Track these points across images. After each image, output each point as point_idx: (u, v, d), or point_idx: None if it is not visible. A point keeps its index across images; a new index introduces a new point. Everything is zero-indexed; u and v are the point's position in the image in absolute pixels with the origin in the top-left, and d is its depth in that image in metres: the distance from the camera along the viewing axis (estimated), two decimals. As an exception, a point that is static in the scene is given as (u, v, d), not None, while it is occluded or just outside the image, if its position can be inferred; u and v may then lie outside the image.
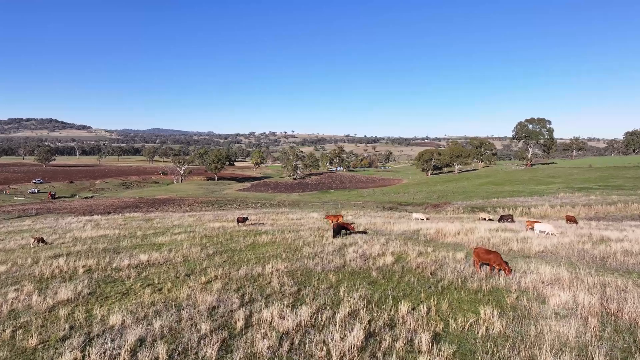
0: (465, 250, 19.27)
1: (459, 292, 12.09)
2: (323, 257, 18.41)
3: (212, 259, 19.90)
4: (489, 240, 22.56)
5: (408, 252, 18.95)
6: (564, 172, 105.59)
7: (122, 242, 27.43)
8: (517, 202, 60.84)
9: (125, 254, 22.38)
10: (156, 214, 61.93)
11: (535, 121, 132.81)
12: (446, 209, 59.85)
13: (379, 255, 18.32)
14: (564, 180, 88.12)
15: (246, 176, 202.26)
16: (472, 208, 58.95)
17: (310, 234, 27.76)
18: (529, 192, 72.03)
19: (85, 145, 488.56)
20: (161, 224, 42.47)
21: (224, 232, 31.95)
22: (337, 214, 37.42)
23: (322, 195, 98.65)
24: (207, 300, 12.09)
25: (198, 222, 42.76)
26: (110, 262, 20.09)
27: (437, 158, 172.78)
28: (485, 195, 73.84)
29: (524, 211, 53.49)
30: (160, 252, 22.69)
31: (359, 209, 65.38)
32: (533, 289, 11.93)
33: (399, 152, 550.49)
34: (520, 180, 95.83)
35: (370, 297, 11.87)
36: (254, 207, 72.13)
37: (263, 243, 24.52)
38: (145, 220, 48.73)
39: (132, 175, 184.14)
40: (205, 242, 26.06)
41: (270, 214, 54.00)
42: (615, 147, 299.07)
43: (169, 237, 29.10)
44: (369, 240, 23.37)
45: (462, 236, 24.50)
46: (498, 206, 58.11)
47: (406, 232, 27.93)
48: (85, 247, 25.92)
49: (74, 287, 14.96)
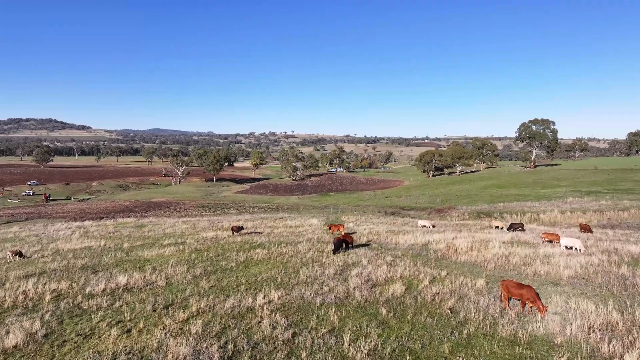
0: (484, 275, 17.05)
1: (491, 343, 9.85)
2: (323, 283, 16.18)
3: (197, 282, 17.67)
4: (507, 259, 20.31)
5: (419, 276, 16.72)
6: (569, 174, 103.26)
7: (104, 257, 25.20)
8: (525, 207, 58.54)
9: (103, 274, 20.19)
10: (150, 219, 59.68)
11: (539, 122, 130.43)
12: (451, 215, 57.58)
13: (387, 281, 16.08)
14: (571, 183, 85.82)
15: (245, 177, 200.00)
16: (477, 213, 56.67)
17: (310, 248, 25.54)
18: (535, 196, 69.72)
19: (84, 146, 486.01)
20: (152, 232, 40.26)
21: (217, 243, 29.74)
22: (338, 223, 35.20)
23: (321, 199, 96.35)
24: (180, 353, 9.85)
25: (191, 230, 40.56)
26: (84, 286, 17.89)
27: (438, 159, 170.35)
28: (490, 199, 71.51)
29: (533, 217, 51.24)
30: (142, 271, 20.49)
31: (360, 214, 63.13)
32: (584, 342, 9.68)
33: (399, 152, 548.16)
34: (525, 183, 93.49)
35: (381, 352, 9.61)
36: (251, 212, 69.85)
37: (257, 260, 22.29)
38: (136, 227, 46.50)
39: (130, 176, 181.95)
40: (194, 257, 23.83)
41: (268, 220, 51.76)
42: (617, 147, 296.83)
43: (157, 251, 26.86)
44: (374, 258, 21.15)
45: (476, 252, 22.25)
46: (505, 211, 55.82)
47: (413, 246, 25.67)
48: (64, 263, 23.70)
49: (31, 324, 12.76)
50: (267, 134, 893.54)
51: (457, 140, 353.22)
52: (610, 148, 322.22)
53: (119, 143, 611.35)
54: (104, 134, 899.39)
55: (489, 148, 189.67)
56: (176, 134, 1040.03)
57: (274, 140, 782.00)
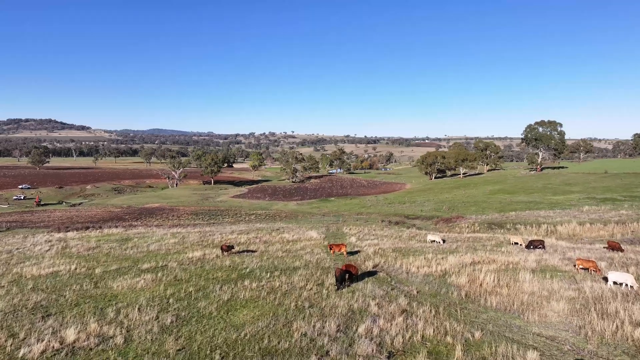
0: (530, 335, 13.27)
1: None
2: (322, 349, 12.44)
3: (163, 342, 13.90)
4: (548, 301, 16.57)
5: (446, 338, 12.98)
6: (579, 179, 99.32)
7: (67, 291, 21.46)
8: (539, 217, 54.75)
9: (54, 321, 16.48)
10: (138, 229, 55.96)
11: (546, 124, 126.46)
12: (460, 225, 53.80)
13: (406, 347, 12.34)
14: (583, 188, 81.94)
15: (244, 179, 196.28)
16: (488, 224, 52.88)
17: (307, 280, 21.78)
18: (548, 204, 65.91)
19: (83, 147, 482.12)
20: (135, 249, 36.57)
21: (201, 269, 26.01)
22: (339, 242, 31.49)
23: (321, 205, 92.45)
24: None
25: (178, 247, 36.87)
26: (21, 343, 14.18)
27: (441, 161, 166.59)
28: (499, 207, 67.67)
29: (549, 229, 47.48)
30: (102, 316, 16.82)
31: (363, 224, 59.39)
32: None
33: (400, 152, 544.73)
34: (534, 188, 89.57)
35: None
36: (247, 221, 66.07)
37: (243, 300, 18.55)
38: (121, 241, 42.77)
39: (126, 179, 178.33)
40: (170, 294, 20.07)
41: (264, 231, 48.05)
42: (621, 148, 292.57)
43: (130, 280, 23.10)
44: (384, 300, 17.41)
45: (507, 291, 18.51)
46: (518, 222, 52.04)
47: (429, 277, 21.92)
48: (16, 300, 19.97)
49: None
50: (267, 134, 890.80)
51: (458, 141, 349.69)
52: (614, 149, 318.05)
53: (118, 143, 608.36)
54: (104, 134, 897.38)
55: (492, 150, 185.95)
56: (176, 134, 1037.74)
57: (273, 141, 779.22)
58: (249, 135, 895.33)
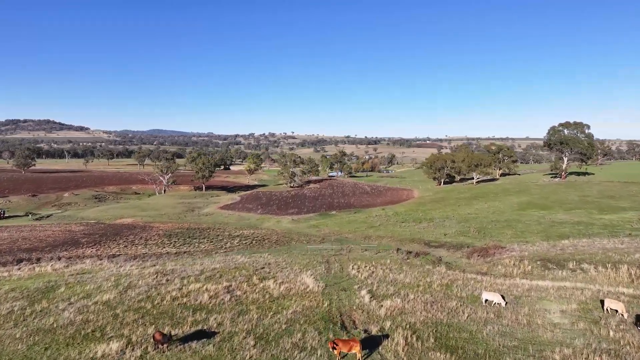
0: None
1: None
2: None
3: None
4: None
5: None
6: (619, 189, 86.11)
7: None
8: (606, 249, 41.68)
9: None
10: (85, 264, 43.24)
11: (571, 125, 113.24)
12: (503, 262, 40.83)
13: None
14: (631, 203, 68.93)
15: (238, 184, 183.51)
16: (542, 261, 39.88)
17: None
18: (602, 227, 52.98)
19: (78, 148, 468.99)
20: (47, 315, 24.24)
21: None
22: (350, 339, 18.47)
23: (321, 222, 79.25)
24: None
25: (106, 315, 24.17)
26: None
27: (451, 166, 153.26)
28: (541, 229, 54.63)
29: (634, 273, 34.45)
30: None
31: (374, 257, 46.59)
32: None
33: (401, 154, 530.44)
34: (571, 201, 76.41)
35: None
36: (227, 249, 53.09)
37: None
38: (36, 295, 29.94)
39: (112, 184, 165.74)
40: None
41: (242, 275, 35.29)
42: (637, 150, 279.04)
43: None
44: None
45: None
46: (582, 259, 39.07)
47: None
48: None
49: None
50: (266, 135, 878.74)
51: (459, 142, 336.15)
52: (629, 151, 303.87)
53: (116, 144, 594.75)
54: (103, 135, 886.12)
55: (505, 153, 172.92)
56: (176, 134, 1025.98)
57: (273, 141, 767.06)
58: (249, 135, 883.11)
